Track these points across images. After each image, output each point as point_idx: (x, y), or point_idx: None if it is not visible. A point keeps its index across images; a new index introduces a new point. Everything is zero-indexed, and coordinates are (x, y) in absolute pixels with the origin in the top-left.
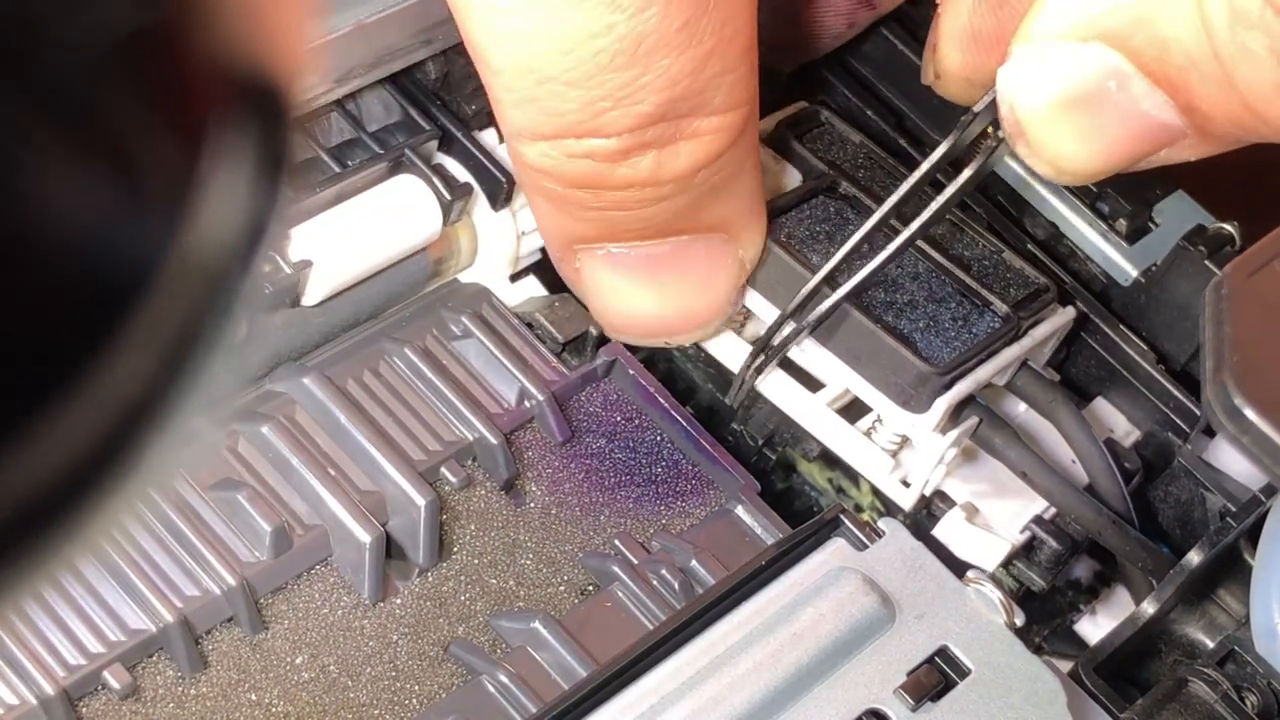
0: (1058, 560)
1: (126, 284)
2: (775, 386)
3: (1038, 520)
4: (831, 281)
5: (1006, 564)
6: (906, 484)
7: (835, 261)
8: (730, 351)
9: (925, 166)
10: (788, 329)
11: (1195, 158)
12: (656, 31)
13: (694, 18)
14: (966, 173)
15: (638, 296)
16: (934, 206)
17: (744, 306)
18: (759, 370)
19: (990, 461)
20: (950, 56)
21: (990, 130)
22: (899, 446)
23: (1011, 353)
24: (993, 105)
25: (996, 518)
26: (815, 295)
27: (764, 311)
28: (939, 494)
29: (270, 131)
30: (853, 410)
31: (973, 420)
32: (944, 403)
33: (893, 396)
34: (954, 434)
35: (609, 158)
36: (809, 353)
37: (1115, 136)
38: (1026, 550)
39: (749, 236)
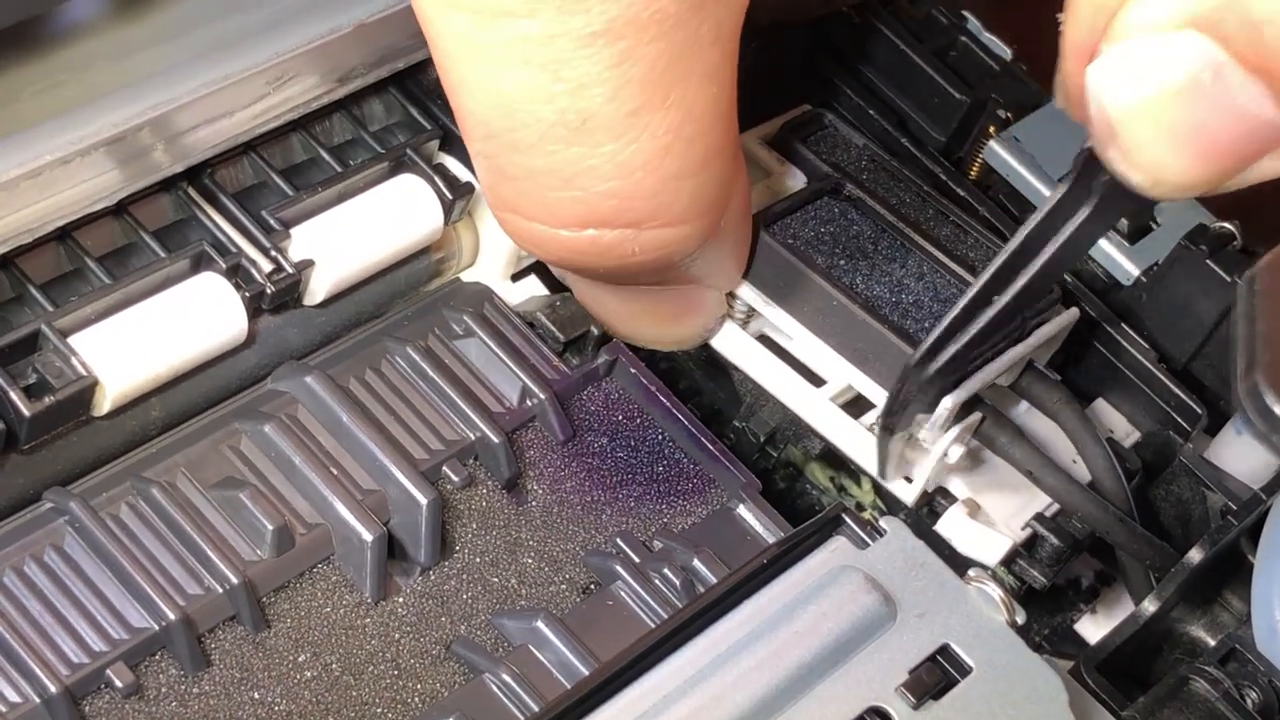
0: (1059, 557)
1: None
2: (778, 381)
3: (1039, 518)
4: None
5: (1008, 561)
6: (909, 480)
7: (947, 322)
8: (730, 344)
9: (1040, 214)
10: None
11: None
12: (602, 113)
13: (645, 107)
14: (1084, 210)
15: (617, 316)
16: (1062, 239)
17: (747, 306)
18: (888, 438)
19: (991, 459)
20: (1073, 77)
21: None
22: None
23: (1016, 352)
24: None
25: (998, 515)
26: (909, 372)
27: (761, 307)
28: (941, 490)
29: None
30: (856, 405)
31: (975, 417)
32: (950, 402)
33: None
34: (957, 430)
35: (557, 252)
36: (813, 351)
37: (1215, 138)
38: (1028, 547)
39: (727, 283)
